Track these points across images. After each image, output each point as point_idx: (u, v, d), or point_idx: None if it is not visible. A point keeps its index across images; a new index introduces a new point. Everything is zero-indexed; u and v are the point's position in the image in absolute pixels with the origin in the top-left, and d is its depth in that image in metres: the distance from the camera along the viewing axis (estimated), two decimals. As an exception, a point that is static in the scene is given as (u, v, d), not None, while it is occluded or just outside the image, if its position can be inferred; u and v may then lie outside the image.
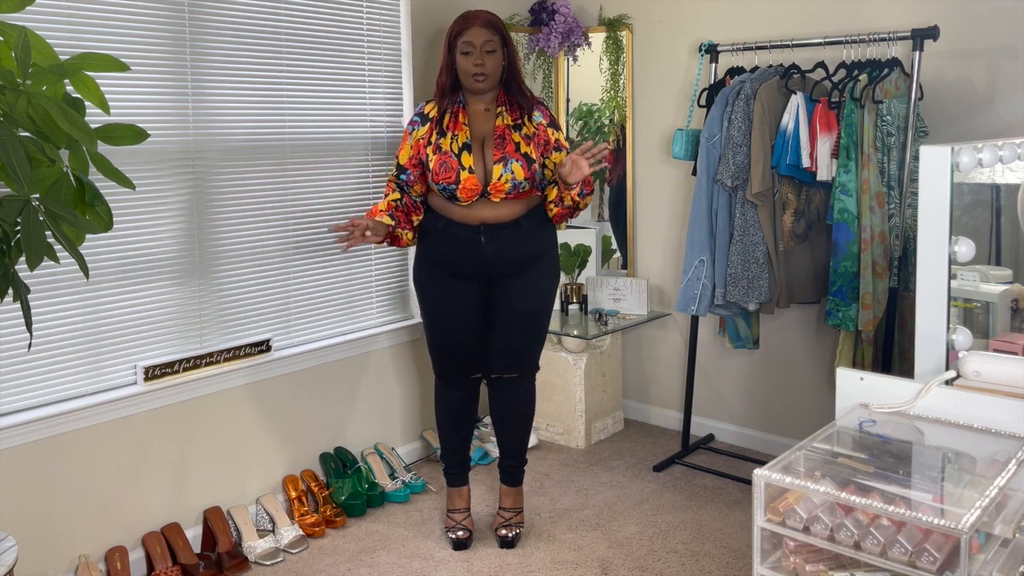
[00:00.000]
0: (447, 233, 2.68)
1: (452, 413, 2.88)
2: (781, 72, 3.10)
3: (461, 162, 2.59)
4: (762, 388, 3.59)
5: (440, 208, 2.69)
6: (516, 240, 2.67)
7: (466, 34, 2.59)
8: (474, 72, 2.59)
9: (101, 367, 2.56)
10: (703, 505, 3.11)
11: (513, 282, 2.70)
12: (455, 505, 2.91)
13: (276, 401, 3.02)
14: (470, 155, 2.61)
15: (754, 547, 1.82)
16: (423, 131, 2.68)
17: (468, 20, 2.61)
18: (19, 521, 2.38)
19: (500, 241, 2.65)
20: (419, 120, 2.71)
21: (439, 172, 2.60)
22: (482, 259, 2.66)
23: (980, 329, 2.45)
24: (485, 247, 2.64)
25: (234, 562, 2.68)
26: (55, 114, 1.57)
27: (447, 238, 2.68)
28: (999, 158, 2.23)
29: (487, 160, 2.62)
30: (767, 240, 3.05)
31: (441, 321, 2.75)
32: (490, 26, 2.60)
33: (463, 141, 2.62)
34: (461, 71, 2.62)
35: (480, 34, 2.58)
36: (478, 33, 2.58)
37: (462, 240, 2.65)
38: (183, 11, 2.65)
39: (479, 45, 2.58)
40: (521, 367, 2.82)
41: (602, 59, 3.84)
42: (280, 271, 2.98)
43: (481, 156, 2.62)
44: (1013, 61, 2.88)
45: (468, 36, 2.58)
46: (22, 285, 1.69)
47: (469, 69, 2.59)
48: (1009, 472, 1.75)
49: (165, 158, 2.64)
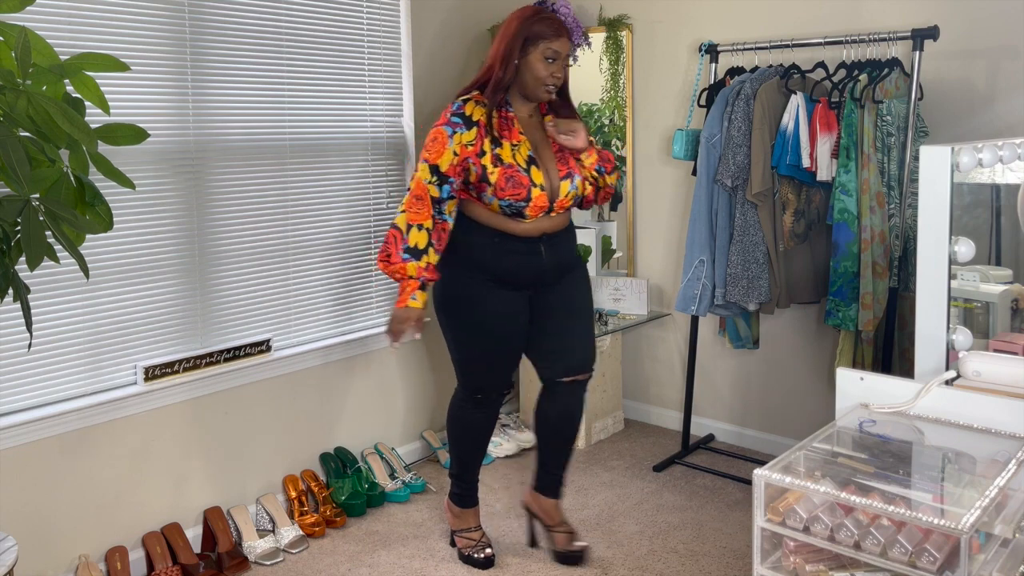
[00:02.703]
0: (503, 248, 2.47)
1: (479, 433, 2.70)
2: (781, 72, 3.10)
3: (532, 179, 2.41)
4: (762, 388, 3.59)
5: (489, 221, 2.46)
6: (567, 244, 2.59)
7: (555, 42, 2.41)
8: (550, 83, 2.44)
9: (101, 367, 2.56)
10: (703, 505, 3.11)
11: (566, 282, 2.59)
12: (470, 524, 2.76)
13: (276, 401, 3.02)
14: (539, 170, 2.44)
15: (754, 547, 1.82)
16: (469, 136, 2.41)
17: (558, 26, 2.42)
18: (19, 521, 2.38)
19: (556, 248, 2.53)
20: (461, 122, 2.42)
21: (505, 187, 2.38)
22: (541, 269, 2.51)
23: (980, 329, 2.45)
24: (544, 257, 2.50)
25: (234, 562, 2.68)
26: (55, 114, 1.57)
27: (503, 252, 2.47)
28: (999, 158, 2.23)
29: (551, 174, 2.47)
30: (767, 240, 3.05)
31: (497, 335, 2.55)
32: (571, 39, 2.47)
33: (527, 154, 2.44)
34: (533, 75, 2.42)
35: (567, 46, 2.44)
36: (566, 45, 2.44)
37: (521, 253, 2.47)
38: (183, 11, 2.65)
39: (564, 55, 2.45)
40: (591, 365, 2.65)
41: (602, 59, 3.84)
42: (280, 271, 2.98)
43: (546, 171, 2.47)
44: (1013, 61, 2.88)
45: (557, 45, 2.41)
46: (22, 285, 1.69)
47: (546, 79, 2.43)
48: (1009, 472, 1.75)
49: (165, 158, 2.64)
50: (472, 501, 2.77)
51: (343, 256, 3.18)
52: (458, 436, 2.71)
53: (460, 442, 2.71)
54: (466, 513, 2.77)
